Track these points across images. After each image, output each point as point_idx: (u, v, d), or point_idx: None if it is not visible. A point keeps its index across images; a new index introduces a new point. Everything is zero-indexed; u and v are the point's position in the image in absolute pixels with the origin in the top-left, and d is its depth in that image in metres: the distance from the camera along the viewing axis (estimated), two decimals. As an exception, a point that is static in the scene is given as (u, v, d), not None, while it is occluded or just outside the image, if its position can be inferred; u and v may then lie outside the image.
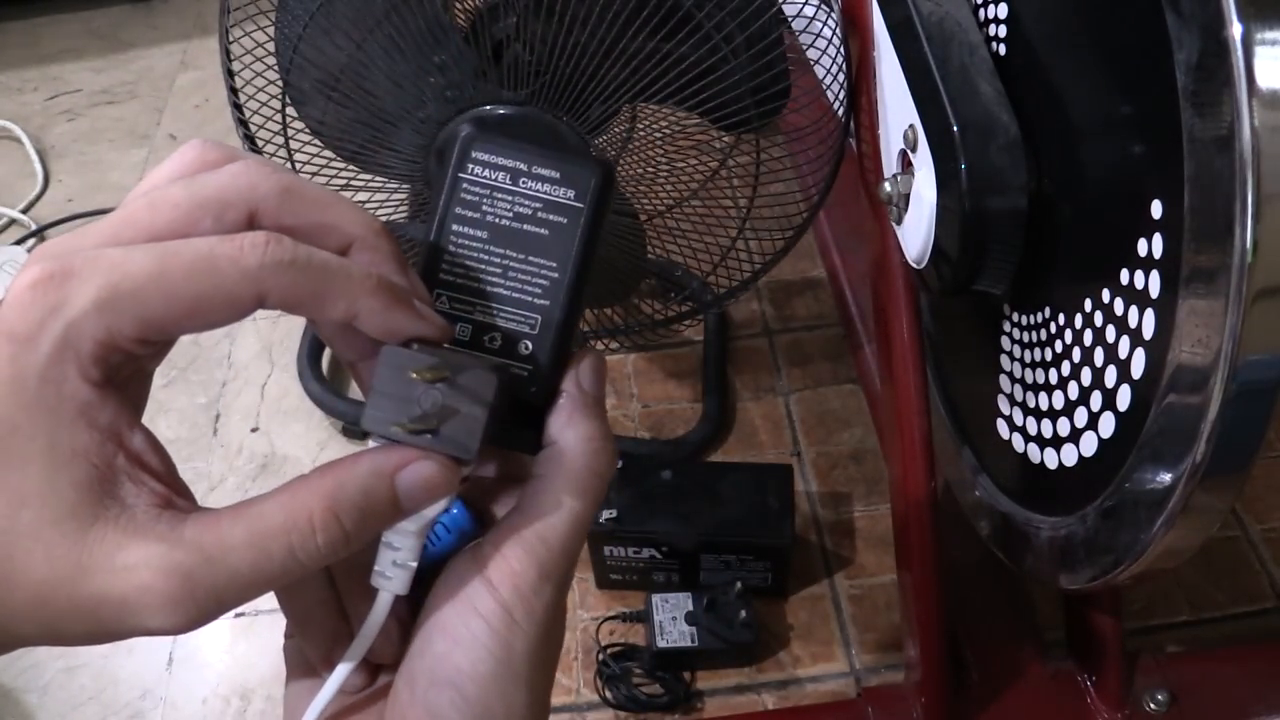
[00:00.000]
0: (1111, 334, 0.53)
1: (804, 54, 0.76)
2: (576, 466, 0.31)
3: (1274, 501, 0.96)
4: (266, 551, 0.27)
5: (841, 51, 0.74)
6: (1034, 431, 0.63)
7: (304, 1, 0.68)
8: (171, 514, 0.27)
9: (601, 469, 0.32)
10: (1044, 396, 0.61)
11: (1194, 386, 0.46)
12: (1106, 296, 0.53)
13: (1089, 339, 0.56)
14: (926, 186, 0.61)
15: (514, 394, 0.32)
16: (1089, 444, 0.57)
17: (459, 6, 0.73)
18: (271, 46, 0.71)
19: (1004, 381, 0.66)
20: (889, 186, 0.67)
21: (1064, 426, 0.59)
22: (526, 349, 0.32)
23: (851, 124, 0.76)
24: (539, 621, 0.30)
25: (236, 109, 0.74)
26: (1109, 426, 0.54)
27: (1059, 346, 0.59)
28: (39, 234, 1.36)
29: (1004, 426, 0.67)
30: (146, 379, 0.30)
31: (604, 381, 0.33)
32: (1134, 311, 0.51)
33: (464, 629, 0.30)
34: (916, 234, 0.64)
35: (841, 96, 0.75)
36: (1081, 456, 0.58)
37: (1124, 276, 0.51)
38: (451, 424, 0.29)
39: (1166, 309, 0.48)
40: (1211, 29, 0.41)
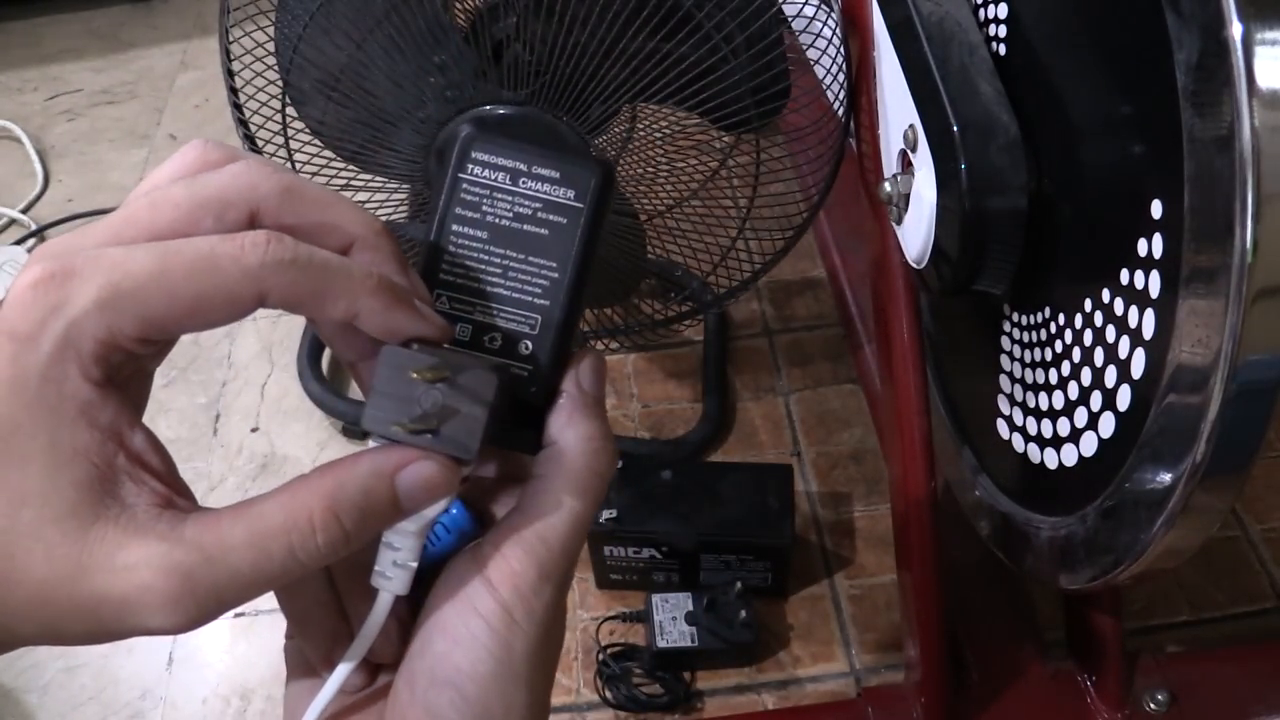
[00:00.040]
0: (1111, 334, 0.53)
1: (804, 54, 0.76)
2: (577, 466, 0.31)
3: (1274, 501, 0.96)
4: (267, 551, 0.27)
5: (841, 51, 0.74)
6: (1034, 431, 0.63)
7: (304, 1, 0.68)
8: (172, 513, 0.27)
9: (602, 469, 0.32)
10: (1044, 396, 0.61)
11: (1194, 386, 0.46)
12: (1106, 296, 0.53)
13: (1089, 339, 0.56)
14: (926, 186, 0.62)
15: (514, 394, 0.32)
16: (1089, 444, 0.57)
17: (459, 6, 0.73)
18: (271, 46, 0.71)
19: (1004, 381, 0.66)
20: (889, 186, 0.67)
21: (1064, 426, 0.59)
22: (526, 349, 0.32)
23: (851, 124, 0.76)
24: (539, 622, 0.30)
25: (236, 109, 0.74)
26: (1109, 426, 0.54)
27: (1059, 346, 0.59)
28: (39, 234, 1.36)
29: (1004, 426, 0.67)
30: (147, 379, 0.30)
31: (604, 381, 0.33)
32: (1134, 311, 0.51)
33: (464, 629, 0.30)
34: (916, 234, 0.64)
35: (841, 96, 0.75)
36: (1081, 456, 0.58)
37: (1124, 276, 0.51)
38: (452, 424, 0.29)
39: (1166, 309, 0.48)
40: (1211, 29, 0.41)
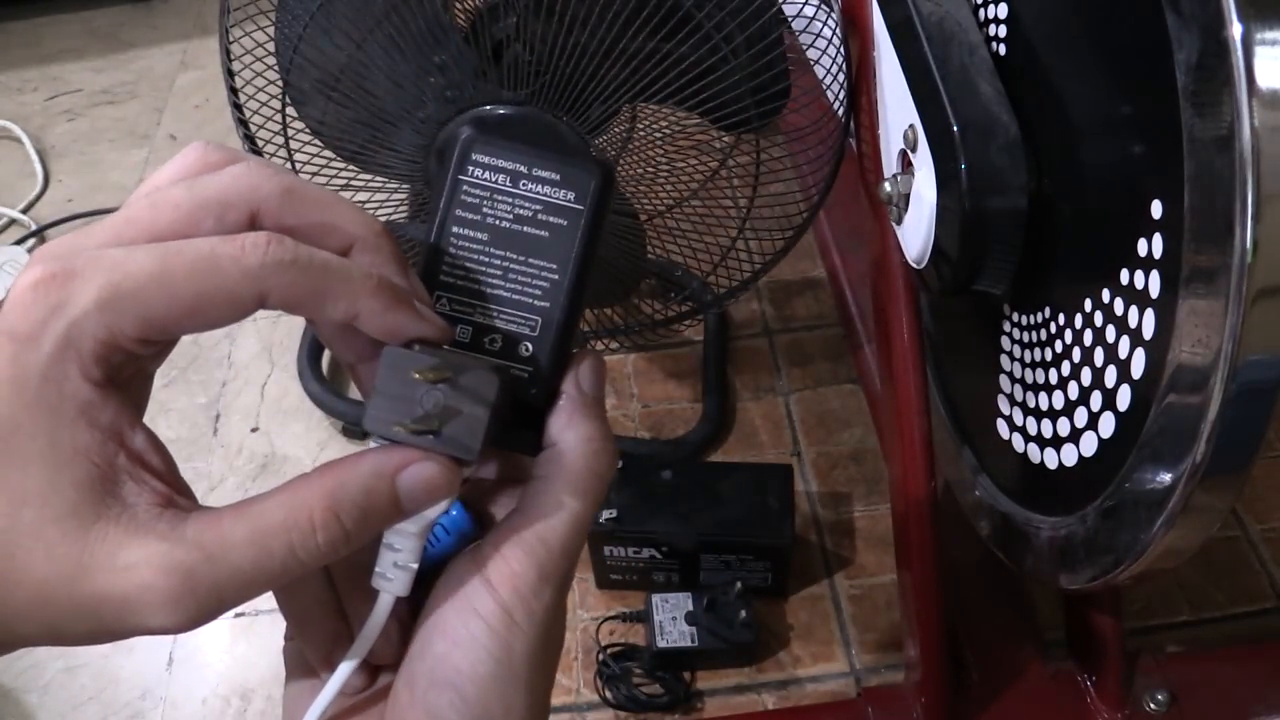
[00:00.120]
0: (1111, 334, 0.53)
1: (804, 54, 0.76)
2: (577, 467, 0.31)
3: (1274, 501, 0.96)
4: (267, 550, 0.27)
5: (841, 51, 0.74)
6: (1034, 431, 0.63)
7: (304, 1, 0.68)
8: (173, 513, 0.27)
9: (602, 470, 0.32)
10: (1044, 396, 0.61)
11: (1194, 386, 0.46)
12: (1106, 296, 0.53)
13: (1089, 339, 0.56)
14: (926, 186, 0.62)
15: (514, 395, 0.32)
16: (1089, 444, 0.57)
17: (459, 6, 0.73)
18: (271, 46, 0.71)
19: (1004, 381, 0.66)
20: (889, 186, 0.67)
21: (1064, 426, 0.59)
22: (527, 351, 0.32)
23: (851, 124, 0.76)
24: (539, 623, 0.30)
25: (236, 109, 0.74)
26: (1109, 426, 0.54)
27: (1059, 346, 0.59)
28: (39, 234, 1.36)
29: (1004, 426, 0.67)
30: (148, 379, 0.30)
31: (604, 382, 0.33)
32: (1134, 311, 0.51)
33: (464, 630, 0.30)
34: (916, 234, 0.64)
35: (841, 96, 0.75)
36: (1081, 456, 0.58)
37: (1124, 276, 0.51)
38: (453, 425, 0.29)
39: (1166, 309, 0.48)
40: (1211, 29, 0.41)
